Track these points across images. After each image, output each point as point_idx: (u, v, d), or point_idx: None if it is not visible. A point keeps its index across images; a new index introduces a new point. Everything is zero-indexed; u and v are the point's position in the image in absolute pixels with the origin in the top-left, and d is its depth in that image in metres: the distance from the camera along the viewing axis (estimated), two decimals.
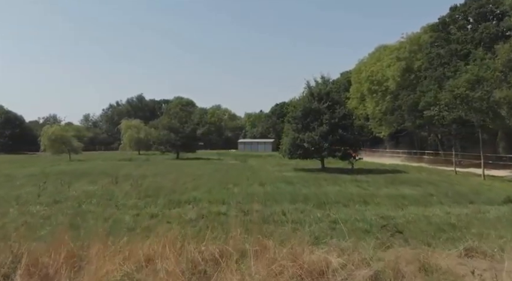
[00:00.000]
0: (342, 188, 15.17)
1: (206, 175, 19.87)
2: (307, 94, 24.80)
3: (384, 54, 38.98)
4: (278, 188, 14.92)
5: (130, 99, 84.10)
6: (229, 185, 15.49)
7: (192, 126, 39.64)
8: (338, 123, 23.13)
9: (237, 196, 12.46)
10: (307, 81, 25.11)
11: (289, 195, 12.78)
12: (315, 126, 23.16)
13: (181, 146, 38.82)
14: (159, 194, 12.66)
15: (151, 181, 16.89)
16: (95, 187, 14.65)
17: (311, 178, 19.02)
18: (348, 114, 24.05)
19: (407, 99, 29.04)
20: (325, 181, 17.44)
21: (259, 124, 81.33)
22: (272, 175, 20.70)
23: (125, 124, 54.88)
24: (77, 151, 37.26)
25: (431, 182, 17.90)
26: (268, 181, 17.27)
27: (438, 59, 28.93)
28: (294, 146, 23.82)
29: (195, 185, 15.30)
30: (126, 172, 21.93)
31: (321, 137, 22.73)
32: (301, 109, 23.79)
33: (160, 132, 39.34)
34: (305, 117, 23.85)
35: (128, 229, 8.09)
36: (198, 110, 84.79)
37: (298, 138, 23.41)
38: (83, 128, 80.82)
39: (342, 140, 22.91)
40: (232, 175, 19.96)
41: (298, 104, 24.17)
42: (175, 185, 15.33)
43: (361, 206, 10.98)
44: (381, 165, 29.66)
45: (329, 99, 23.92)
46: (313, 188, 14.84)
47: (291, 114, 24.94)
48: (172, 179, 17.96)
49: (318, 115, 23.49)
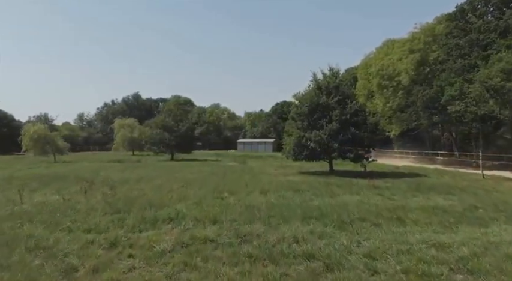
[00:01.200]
0: (362, 197, 12.42)
1: (199, 180, 17.14)
2: (313, 88, 22.06)
3: (393, 48, 36.27)
4: (284, 197, 12.18)
5: (126, 97, 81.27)
6: (224, 194, 12.76)
7: (187, 125, 36.85)
8: (349, 121, 20.40)
9: (233, 210, 9.74)
10: (314, 73, 22.42)
11: (298, 208, 10.05)
12: (323, 124, 20.43)
13: (176, 146, 36.06)
14: (133, 208, 9.93)
15: (131, 189, 14.15)
16: (59, 196, 11.90)
17: (321, 183, 16.29)
18: (360, 110, 21.31)
19: (423, 95, 26.29)
20: (339, 188, 14.69)
21: (259, 124, 78.61)
22: (275, 179, 17.98)
23: (118, 123, 52.19)
24: (62, 152, 34.49)
25: (463, 189, 15.17)
26: (271, 187, 14.53)
27: (457, 50, 26.19)
28: (299, 146, 21.11)
29: (183, 194, 12.56)
30: (108, 175, 19.20)
31: (329, 136, 20.00)
32: (307, 104, 21.06)
33: (153, 132, 36.57)
34: (312, 113, 21.12)
35: (65, 271, 5.39)
36: (197, 109, 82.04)
37: (304, 138, 20.70)
38: (77, 128, 78.24)
39: (354, 139, 20.19)
40: (229, 180, 17.24)
41: (304, 99, 21.45)
42: (158, 194, 12.60)
43: (397, 226, 8.24)
44: (394, 167, 26.95)
45: (339, 93, 21.19)
46: (326, 198, 12.10)
47: (296, 110, 22.22)
48: (157, 185, 15.22)
49: (326, 111, 20.76)
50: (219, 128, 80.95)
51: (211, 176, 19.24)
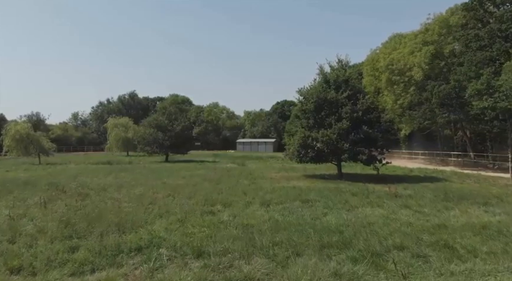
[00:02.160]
0: (386, 211, 10.10)
1: (190, 187, 14.81)
2: (320, 82, 19.75)
3: (401, 43, 33.96)
4: (290, 211, 9.86)
5: (121, 96, 78.79)
6: (217, 206, 10.44)
7: (182, 124, 34.46)
8: (361, 118, 18.10)
9: (226, 232, 7.43)
10: (320, 66, 20.11)
11: (311, 230, 7.72)
12: (332, 122, 18.12)
13: (170, 146, 33.68)
14: (96, 228, 7.61)
15: (106, 199, 11.82)
16: (8, 210, 9.54)
17: (332, 190, 13.97)
18: (372, 106, 18.98)
19: (438, 91, 23.95)
20: (355, 197, 12.37)
21: (259, 123, 76.31)
22: (277, 185, 15.66)
23: (111, 122, 49.84)
24: (47, 153, 32.10)
25: (499, 197, 12.86)
26: (273, 196, 12.21)
27: (476, 41, 23.85)
28: (304, 147, 18.80)
29: (166, 207, 10.23)
30: (87, 181, 16.87)
31: (339, 135, 17.70)
32: (314, 100, 18.73)
33: (146, 131, 34.20)
34: (318, 110, 18.81)
35: None
36: (194, 108, 79.65)
37: (310, 138, 18.39)
38: (71, 127, 75.89)
39: (367, 139, 17.89)
40: (224, 187, 14.91)
41: (310, 94, 19.12)
42: (136, 207, 10.27)
43: (451, 260, 5.92)
44: (407, 170, 24.62)
45: (349, 87, 18.89)
46: (343, 212, 9.78)
47: (300, 107, 19.90)
48: (139, 194, 12.89)
49: (335, 108, 18.45)
50: (218, 127, 78.59)
51: (205, 182, 16.91)
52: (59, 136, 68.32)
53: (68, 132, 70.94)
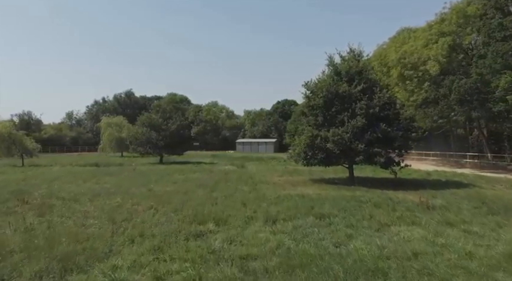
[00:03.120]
0: (428, 231, 7.80)
1: (179, 196, 12.52)
2: (330, 74, 17.44)
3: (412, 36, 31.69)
4: (304, 233, 7.55)
5: (117, 95, 76.38)
6: (208, 225, 8.14)
7: (178, 123, 32.11)
8: (378, 115, 15.80)
9: (216, 274, 5.15)
10: (330, 56, 17.76)
11: (339, 267, 5.43)
12: (344, 119, 15.82)
13: (165, 147, 31.34)
14: (28, 266, 5.32)
15: (68, 214, 9.51)
16: None
17: (348, 200, 11.68)
18: (389, 102, 16.66)
19: (458, 86, 21.65)
20: (380, 210, 10.07)
21: (259, 122, 73.97)
22: (283, 193, 13.37)
23: (104, 122, 47.53)
24: (32, 153, 29.82)
25: None
26: (280, 210, 9.92)
27: (501, 31, 21.56)
28: (312, 147, 16.51)
29: (140, 227, 7.93)
30: (62, 187, 14.58)
31: (353, 134, 15.40)
32: (323, 95, 16.43)
33: (138, 130, 31.88)
34: (329, 106, 16.50)
35: None
36: (193, 107, 77.29)
37: (319, 137, 16.09)
38: (66, 127, 73.62)
39: (385, 138, 15.59)
40: (221, 195, 12.63)
41: (318, 88, 16.80)
42: (104, 226, 7.98)
43: None
44: (425, 173, 22.32)
45: (363, 79, 16.58)
46: (375, 235, 7.48)
47: (307, 102, 17.58)
48: (116, 205, 10.60)
49: (348, 103, 16.15)
50: (217, 127, 76.25)
51: (199, 188, 14.62)
52: (52, 136, 66.10)
53: (61, 132, 68.62)
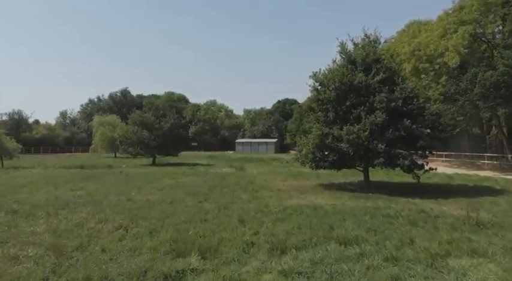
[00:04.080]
0: (498, 266, 5.42)
1: (161, 207, 10.14)
2: (343, 62, 15.05)
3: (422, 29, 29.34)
4: (329, 276, 5.17)
5: (113, 93, 73.91)
6: (191, 258, 5.76)
7: (172, 121, 29.71)
8: (401, 109, 13.44)
9: None
10: (342, 42, 15.35)
11: None
12: (361, 115, 13.45)
13: (157, 147, 28.92)
14: None
15: (5, 238, 7.13)
16: None
17: (373, 214, 9.29)
18: (411, 95, 14.26)
19: (483, 79, 19.28)
20: (418, 230, 7.68)
21: (260, 122, 71.62)
22: (290, 203, 11.00)
23: (96, 121, 45.13)
24: (12, 154, 27.46)
25: None
26: (289, 229, 7.53)
27: None
28: (322, 148, 14.16)
29: (95, 260, 5.55)
30: (26, 197, 12.20)
31: (371, 132, 13.03)
32: (335, 86, 14.06)
33: (129, 129, 29.49)
34: (342, 99, 14.13)
35: None
36: (191, 106, 74.85)
37: (330, 136, 13.73)
38: (59, 127, 71.23)
39: (409, 137, 13.23)
40: (213, 207, 10.25)
41: (330, 79, 14.42)
42: (38, 263, 5.61)
43: None
44: (446, 177, 19.93)
45: (382, 68, 14.22)
46: (422, 274, 5.10)
47: (316, 96, 15.19)
48: (73, 224, 8.20)
49: (365, 95, 13.78)
50: (216, 127, 73.82)
51: (188, 196, 12.24)
52: (44, 136, 63.76)
53: (54, 132, 66.23)
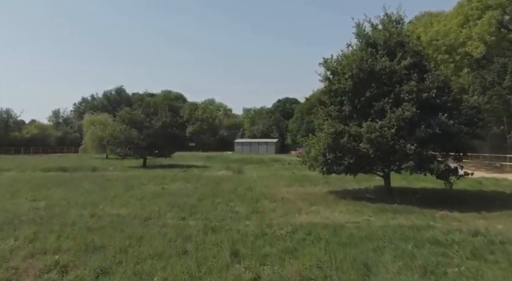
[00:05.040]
0: None
1: (131, 229, 7.65)
2: (361, 46, 12.55)
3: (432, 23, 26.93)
4: None
5: (107, 92, 71.34)
6: None
7: (163, 119, 27.21)
8: (433, 102, 10.98)
9: None
10: (358, 23, 12.86)
11: None
12: (386, 108, 10.97)
13: (148, 148, 26.43)
14: None
15: None
16: None
17: (415, 240, 6.80)
18: (441, 85, 11.77)
19: None
20: (491, 267, 5.19)
21: (260, 121, 69.17)
22: (299, 221, 8.53)
23: (87, 119, 42.64)
24: None
25: None
26: (304, 272, 5.04)
27: None
28: (336, 149, 11.67)
29: None
30: None
31: (398, 130, 10.57)
32: (352, 74, 11.58)
33: (116, 128, 27.00)
34: (360, 90, 11.66)
35: None
36: (188, 105, 72.35)
37: (346, 134, 11.27)
38: (51, 126, 68.76)
39: (444, 136, 10.76)
40: (199, 226, 7.77)
41: (345, 66, 11.93)
42: None
43: None
44: (473, 181, 17.45)
45: (409, 52, 11.75)
46: None
47: (328, 86, 12.70)
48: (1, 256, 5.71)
49: (389, 85, 11.32)
50: (214, 126, 71.34)
51: (171, 209, 9.75)
52: (35, 136, 61.36)
53: (46, 131, 63.75)
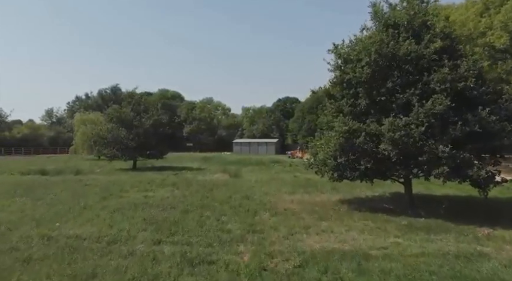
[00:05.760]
0: None
1: (85, 254, 5.61)
2: (380, 28, 10.51)
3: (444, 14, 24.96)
4: None
5: (102, 90, 69.31)
6: None
7: (155, 118, 25.14)
8: (470, 94, 8.98)
9: None
10: (373, 2, 10.83)
11: None
12: (413, 101, 8.94)
13: (137, 148, 24.37)
14: None
15: None
16: None
17: None
18: (475, 72, 9.74)
19: None
20: None
21: (259, 121, 67.17)
22: (308, 244, 6.52)
23: (78, 118, 40.61)
24: None
25: None
26: None
27: None
28: (349, 151, 9.67)
29: None
30: None
31: (427, 128, 8.56)
32: (370, 61, 9.56)
33: (102, 127, 24.94)
34: (380, 79, 9.65)
35: None
36: (186, 104, 70.35)
37: (362, 133, 9.27)
38: (44, 126, 66.72)
39: (483, 135, 8.76)
40: (174, 260, 5.74)
41: (361, 50, 9.90)
42: None
43: None
44: (503, 187, 15.44)
45: (439, 34, 9.72)
46: None
47: (340, 76, 10.65)
48: None
49: (415, 73, 9.31)
50: (212, 126, 69.33)
51: (146, 228, 7.74)
52: (26, 136, 59.43)
53: (38, 131, 61.74)
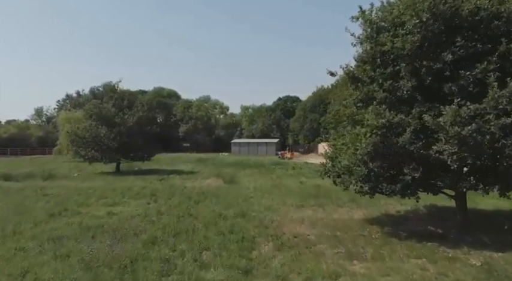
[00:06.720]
0: None
1: None
2: None
3: None
4: None
5: (94, 88, 66.24)
6: None
7: (140, 114, 22.07)
8: None
9: None
10: None
11: None
12: (491, 80, 5.95)
13: (119, 149, 21.31)
14: None
15: None
16: None
17: None
18: None
19: None
20: None
21: (259, 120, 64.19)
22: None
23: (62, 117, 37.65)
24: None
25: None
26: None
27: None
28: (386, 154, 6.68)
29: None
30: None
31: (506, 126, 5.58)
32: (419, 22, 6.57)
33: (79, 126, 21.89)
34: (431, 52, 6.67)
35: None
36: (182, 103, 67.33)
37: (410, 129, 6.28)
38: (33, 126, 63.65)
39: None
40: None
41: (406, 10, 6.96)
42: None
43: None
44: None
45: None
46: None
47: (374, 48, 7.67)
48: None
49: (486, 41, 6.33)
50: (210, 126, 66.33)
51: (76, 274, 4.76)
52: (13, 136, 56.30)
53: (26, 131, 58.67)
